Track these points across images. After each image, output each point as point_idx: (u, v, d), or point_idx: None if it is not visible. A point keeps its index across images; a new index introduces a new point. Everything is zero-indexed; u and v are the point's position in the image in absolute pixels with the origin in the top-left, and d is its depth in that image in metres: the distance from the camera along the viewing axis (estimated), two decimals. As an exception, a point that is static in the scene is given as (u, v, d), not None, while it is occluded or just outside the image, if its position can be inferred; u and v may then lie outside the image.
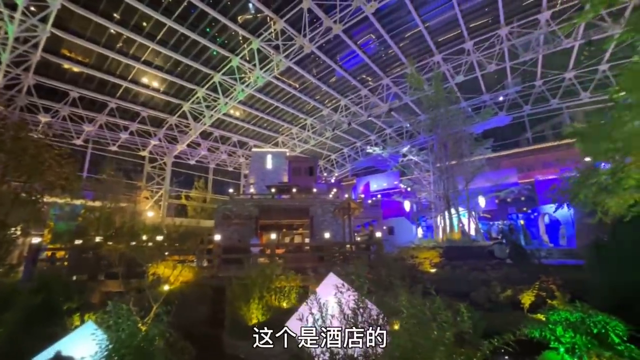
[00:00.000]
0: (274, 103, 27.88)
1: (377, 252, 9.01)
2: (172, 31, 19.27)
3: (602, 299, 4.63)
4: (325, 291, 4.57)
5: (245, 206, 15.92)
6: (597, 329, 3.94)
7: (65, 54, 19.82)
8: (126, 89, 23.08)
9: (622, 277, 5.41)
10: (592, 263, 6.18)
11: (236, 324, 6.21)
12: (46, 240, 17.28)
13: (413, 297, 3.89)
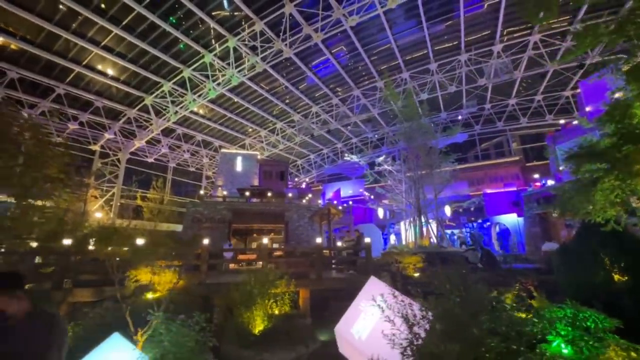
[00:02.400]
0: (244, 104, 27.23)
1: (366, 257, 9.30)
2: (141, 17, 17.91)
3: (569, 297, 5.45)
4: (367, 296, 4.66)
5: (217, 209, 15.19)
6: (589, 322, 4.67)
7: (3, 28, 17.22)
8: (79, 74, 20.73)
9: (582, 277, 6.47)
10: (559, 265, 7.24)
11: (240, 332, 5.94)
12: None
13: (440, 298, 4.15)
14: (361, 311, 4.71)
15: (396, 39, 22.41)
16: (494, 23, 21.24)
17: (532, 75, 25.81)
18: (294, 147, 34.89)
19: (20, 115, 7.84)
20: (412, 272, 8.92)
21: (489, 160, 32.20)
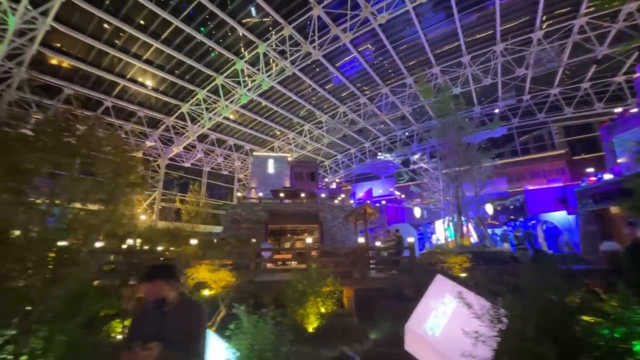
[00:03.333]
0: (273, 107, 27.84)
1: (410, 257, 9.14)
2: (178, 31, 18.95)
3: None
4: (436, 294, 4.66)
5: (254, 210, 15.70)
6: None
7: (61, 49, 18.97)
8: (124, 87, 22.34)
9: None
10: (628, 265, 6.63)
11: (295, 329, 6.13)
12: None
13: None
14: (432, 309, 4.69)
15: (426, 33, 21.80)
16: (532, 9, 20.00)
17: (577, 62, 23.96)
18: (321, 148, 35.08)
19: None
20: (458, 272, 8.63)
21: (529, 155, 30.29)
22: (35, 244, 4.41)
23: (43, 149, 5.14)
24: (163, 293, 2.26)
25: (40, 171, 5.28)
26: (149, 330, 2.13)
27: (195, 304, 2.46)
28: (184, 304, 2.36)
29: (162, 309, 2.24)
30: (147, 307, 2.27)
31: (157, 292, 2.26)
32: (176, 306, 2.30)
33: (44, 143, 5.20)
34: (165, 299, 2.26)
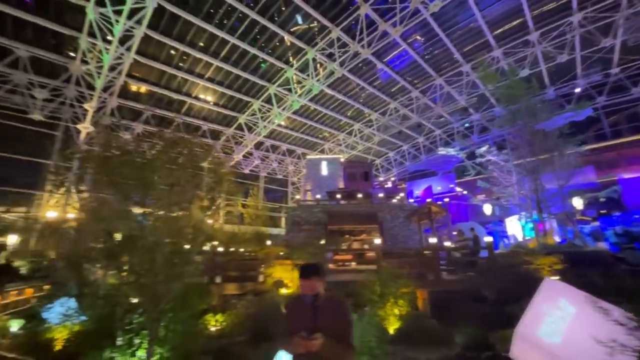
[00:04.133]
0: (322, 110, 28.24)
1: (490, 258, 8.45)
2: (234, 48, 20.40)
3: None
4: (549, 298, 4.33)
5: (313, 212, 16.13)
6: None
7: (140, 77, 21.81)
8: (190, 105, 24.80)
9: None
10: None
11: (379, 331, 6.15)
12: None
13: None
14: (544, 314, 4.29)
15: (484, 15, 20.04)
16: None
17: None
18: (372, 146, 34.51)
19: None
20: (547, 274, 7.66)
21: (621, 138, 25.72)
22: (153, 246, 5.16)
23: (152, 167, 5.97)
24: (317, 289, 2.51)
25: (150, 184, 6.11)
26: (304, 322, 2.38)
27: (342, 299, 2.68)
28: (332, 299, 2.60)
29: (315, 303, 2.48)
30: (302, 301, 2.52)
31: (314, 288, 2.52)
32: (325, 301, 2.53)
33: (160, 161, 6.03)
34: (319, 294, 2.50)
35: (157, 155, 6.09)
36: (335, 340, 2.29)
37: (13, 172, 21.30)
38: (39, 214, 21.52)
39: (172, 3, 16.56)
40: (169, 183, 6.21)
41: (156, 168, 5.98)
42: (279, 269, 7.45)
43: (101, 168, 5.92)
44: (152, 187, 5.88)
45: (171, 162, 6.46)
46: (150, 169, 5.90)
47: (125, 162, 5.84)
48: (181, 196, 8.57)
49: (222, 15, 18.37)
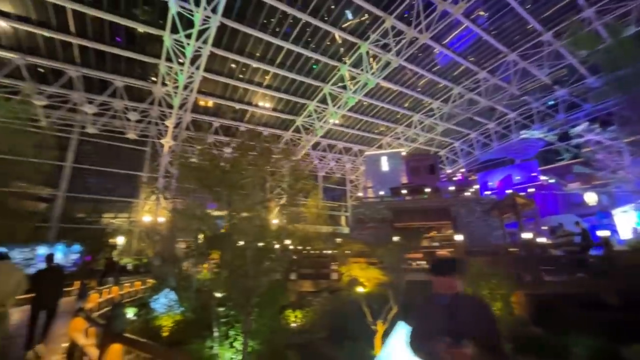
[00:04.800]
0: (377, 104, 27.41)
1: (607, 256, 7.01)
2: (288, 53, 21.03)
3: None
4: None
5: (377, 209, 15.67)
6: None
7: (207, 92, 23.96)
8: (252, 113, 26.40)
9: None
10: None
11: None
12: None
13: None
14: None
15: (568, -31, 17.07)
16: None
17: None
18: (435, 137, 32.28)
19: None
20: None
21: None
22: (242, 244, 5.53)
23: (236, 170, 6.44)
24: (455, 288, 2.23)
25: (234, 186, 6.57)
26: (439, 325, 2.11)
27: (485, 301, 2.40)
28: (472, 299, 2.33)
29: (453, 303, 2.19)
30: (436, 301, 2.28)
31: (453, 287, 2.25)
32: (464, 301, 2.23)
33: (241, 164, 6.50)
34: (458, 294, 2.22)
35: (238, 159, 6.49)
36: (485, 350, 1.95)
37: (116, 184, 25.42)
38: (137, 219, 25.29)
39: (231, 19, 17.76)
40: (251, 183, 6.58)
41: (239, 171, 6.38)
42: (354, 267, 7.31)
43: (196, 173, 6.54)
44: (236, 189, 6.27)
45: (250, 165, 6.82)
46: (235, 172, 6.32)
47: (215, 166, 6.37)
48: (261, 196, 9.07)
49: (276, 24, 19.08)
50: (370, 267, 7.41)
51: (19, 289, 4.37)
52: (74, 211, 22.98)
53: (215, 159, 6.58)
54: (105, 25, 17.42)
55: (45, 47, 17.87)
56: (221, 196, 6.43)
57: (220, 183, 6.26)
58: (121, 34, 18.35)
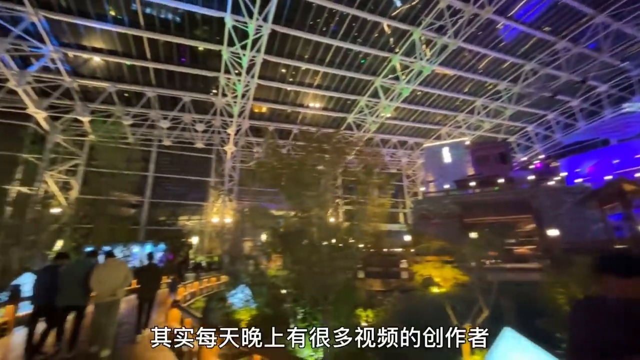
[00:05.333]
0: (434, 92, 25.63)
1: None
2: (337, 51, 20.88)
3: None
4: None
5: (442, 204, 14.56)
6: None
7: (260, 98, 25.10)
8: (304, 114, 26.94)
9: None
10: None
11: None
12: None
13: None
14: None
15: None
16: None
17: None
18: (502, 122, 28.97)
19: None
20: None
21: None
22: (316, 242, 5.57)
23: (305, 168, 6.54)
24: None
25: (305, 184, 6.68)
26: (615, 336, 1.69)
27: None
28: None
29: (634, 311, 1.76)
30: (608, 307, 1.85)
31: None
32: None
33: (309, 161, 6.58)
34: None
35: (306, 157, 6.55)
36: None
37: (188, 189, 28.30)
38: (207, 220, 27.80)
39: (280, 25, 18.25)
40: (322, 181, 6.61)
41: (309, 169, 6.44)
42: (428, 266, 6.81)
43: (269, 174, 6.81)
44: (307, 187, 6.33)
45: (319, 163, 6.84)
46: (305, 170, 6.39)
47: (286, 165, 6.54)
48: (332, 194, 9.08)
49: (323, 23, 19.07)
50: (447, 265, 6.81)
51: (126, 281, 5.08)
52: (156, 215, 26.28)
53: (285, 159, 6.73)
54: (173, 49, 19.42)
55: (128, 74, 20.64)
56: (292, 194, 6.54)
57: (291, 181, 6.38)
58: (185, 54, 20.26)
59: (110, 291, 4.84)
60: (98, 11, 16.39)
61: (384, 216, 30.53)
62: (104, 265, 5.13)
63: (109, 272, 4.96)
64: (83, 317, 4.95)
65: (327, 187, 6.78)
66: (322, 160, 6.68)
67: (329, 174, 6.73)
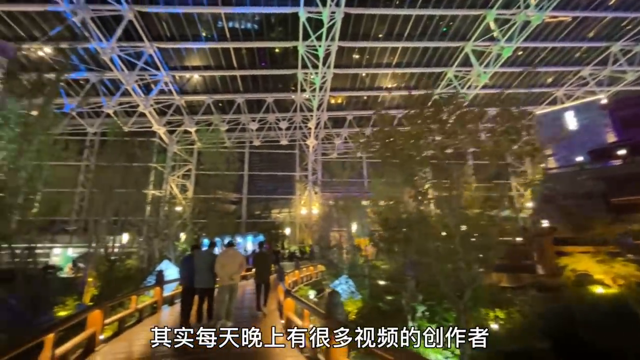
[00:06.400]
0: (545, 45, 20.88)
1: None
2: (417, 20, 18.87)
3: None
4: None
5: (576, 181, 11.52)
6: None
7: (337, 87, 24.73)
8: (383, 97, 25.60)
9: None
10: None
11: None
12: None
13: None
14: None
15: None
16: None
17: None
18: (653, 69, 21.75)
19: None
20: None
21: None
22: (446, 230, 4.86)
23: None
24: None
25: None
26: None
27: None
28: None
29: None
30: None
31: None
32: None
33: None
34: None
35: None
36: None
37: (276, 185, 30.39)
38: (296, 212, 29.38)
39: (353, 7, 17.36)
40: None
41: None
42: (583, 259, 5.22)
43: (385, 149, 6.34)
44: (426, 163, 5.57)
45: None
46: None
47: (404, 139, 5.94)
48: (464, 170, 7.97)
49: (399, -8, 17.41)
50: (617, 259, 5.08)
51: (241, 268, 5.89)
52: (252, 209, 29.11)
53: (398, 133, 6.08)
54: (254, 55, 20.74)
55: (221, 85, 23.03)
56: (409, 173, 5.88)
57: (407, 158, 5.73)
58: (265, 58, 21.41)
59: (229, 275, 5.62)
60: (194, 33, 18.59)
61: (502, 199, 26.96)
62: (224, 253, 5.95)
63: (227, 259, 5.74)
64: (214, 296, 5.92)
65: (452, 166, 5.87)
66: (441, 130, 5.79)
67: (455, 146, 5.82)
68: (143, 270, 12.09)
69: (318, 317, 3.54)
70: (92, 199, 13.19)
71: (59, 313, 8.89)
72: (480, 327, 5.31)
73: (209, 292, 5.87)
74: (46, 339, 3.27)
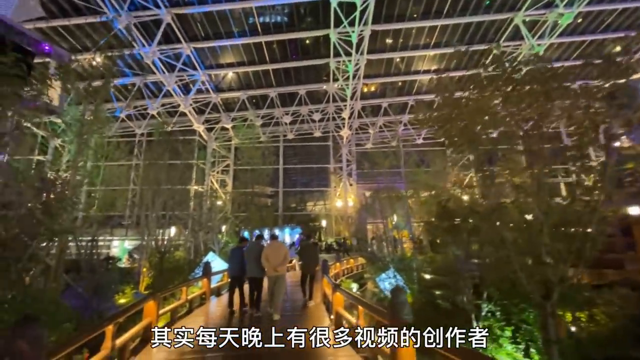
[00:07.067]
0: (614, 7, 18.09)
1: None
2: (457, -4, 17.31)
3: None
4: None
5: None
6: None
7: (372, 74, 23.75)
8: (419, 82, 24.17)
9: None
10: None
11: None
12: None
13: None
14: None
15: None
16: None
17: None
18: None
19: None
20: None
21: None
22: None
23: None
24: None
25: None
26: None
27: None
28: None
29: None
30: None
31: None
32: None
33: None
34: None
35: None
36: None
37: (311, 177, 30.32)
38: (331, 205, 29.16)
39: (388, -15, 16.38)
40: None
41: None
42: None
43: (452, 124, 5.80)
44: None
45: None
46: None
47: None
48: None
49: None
50: None
51: (285, 260, 6.06)
52: (289, 202, 29.40)
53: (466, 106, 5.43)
54: (286, 48, 20.58)
55: (254, 80, 23.28)
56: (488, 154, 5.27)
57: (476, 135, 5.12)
58: (296, 50, 21.14)
59: (274, 267, 5.80)
60: (227, 30, 18.85)
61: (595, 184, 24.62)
62: (269, 245, 6.16)
63: (272, 251, 5.93)
64: (261, 286, 6.13)
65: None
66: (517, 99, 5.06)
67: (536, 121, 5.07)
68: (190, 262, 12.70)
69: (380, 316, 3.21)
70: (142, 195, 14.09)
71: (119, 300, 9.60)
72: (569, 332, 4.64)
73: (258, 281, 6.07)
74: (107, 330, 3.33)
